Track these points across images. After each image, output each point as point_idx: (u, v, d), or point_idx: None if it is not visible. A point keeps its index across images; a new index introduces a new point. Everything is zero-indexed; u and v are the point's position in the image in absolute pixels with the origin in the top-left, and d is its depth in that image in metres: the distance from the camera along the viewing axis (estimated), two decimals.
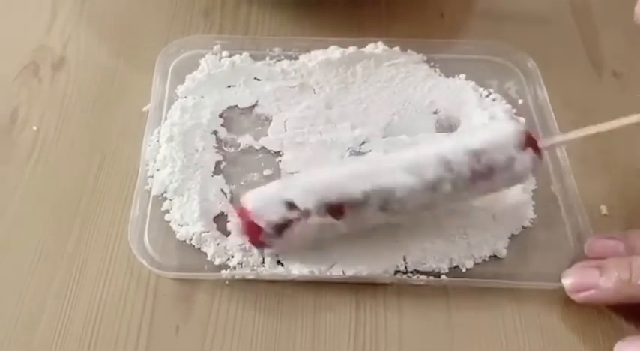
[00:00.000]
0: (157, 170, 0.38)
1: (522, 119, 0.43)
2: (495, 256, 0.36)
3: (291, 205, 0.32)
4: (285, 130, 0.41)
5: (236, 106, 0.42)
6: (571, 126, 0.42)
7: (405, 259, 0.35)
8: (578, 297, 0.33)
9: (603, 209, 0.38)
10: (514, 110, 0.43)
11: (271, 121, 0.41)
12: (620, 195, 0.39)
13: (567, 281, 0.33)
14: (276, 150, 0.40)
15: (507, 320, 0.34)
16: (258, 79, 0.44)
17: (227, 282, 0.34)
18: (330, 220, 0.32)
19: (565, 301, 0.34)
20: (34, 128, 0.41)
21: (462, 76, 0.45)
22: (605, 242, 0.34)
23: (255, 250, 0.34)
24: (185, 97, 0.42)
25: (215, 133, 0.41)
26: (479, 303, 0.34)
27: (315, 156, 0.39)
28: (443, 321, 0.33)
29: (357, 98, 0.43)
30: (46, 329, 0.32)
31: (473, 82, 0.44)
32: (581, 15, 0.49)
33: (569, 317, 0.34)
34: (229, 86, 0.43)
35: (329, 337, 0.33)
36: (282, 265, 0.34)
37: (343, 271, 0.34)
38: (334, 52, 0.44)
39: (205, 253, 0.35)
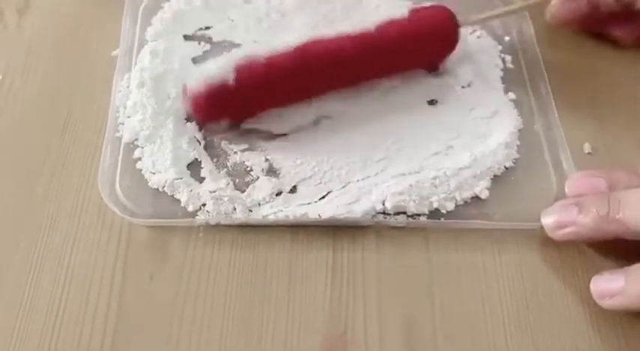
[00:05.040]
0: (128, 117, 0.37)
1: (509, 57, 0.41)
2: (477, 197, 0.35)
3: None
4: None
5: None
6: (558, 62, 0.41)
7: (383, 204, 0.34)
8: (557, 235, 0.32)
9: (587, 147, 0.37)
10: (500, 47, 0.42)
11: None
12: (604, 133, 0.38)
13: (546, 220, 0.33)
14: None
15: (487, 260, 0.33)
16: (232, 20, 0.42)
17: (201, 229, 0.33)
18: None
19: (545, 241, 0.33)
20: (0, 76, 0.39)
21: None
22: (586, 180, 0.33)
23: (227, 198, 0.33)
24: (155, 41, 0.40)
25: None
26: (459, 244, 0.34)
27: None
28: (422, 261, 0.33)
29: None
30: (16, 281, 0.32)
31: None
32: None
33: (549, 256, 0.33)
34: (200, 29, 0.41)
35: (306, 279, 0.32)
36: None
37: (319, 215, 0.33)
38: None
39: (178, 200, 0.34)
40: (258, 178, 0.35)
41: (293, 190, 0.34)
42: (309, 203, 0.34)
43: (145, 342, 0.30)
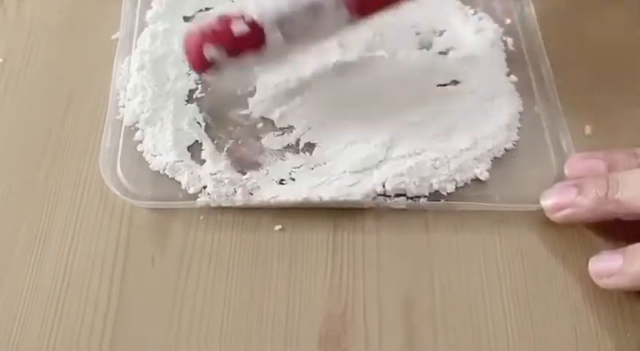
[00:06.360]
0: (129, 100, 0.37)
1: (510, 40, 0.41)
2: (477, 179, 0.35)
3: None
4: None
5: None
6: (560, 44, 0.41)
7: (383, 186, 0.34)
8: (556, 217, 0.32)
9: (587, 129, 0.37)
10: (501, 30, 0.42)
11: None
12: (604, 115, 0.38)
13: (546, 202, 0.33)
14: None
15: (487, 242, 0.33)
16: (231, 1, 0.42)
17: (202, 211, 0.34)
18: None
19: (545, 222, 0.33)
20: (0, 60, 0.39)
21: None
22: (585, 161, 0.33)
23: (227, 180, 0.33)
24: (155, 23, 0.40)
25: None
26: (459, 225, 0.34)
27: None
28: (422, 243, 0.33)
29: None
30: (18, 265, 0.32)
31: (458, 1, 0.43)
32: None
33: (549, 238, 0.33)
34: (200, 10, 0.41)
35: (306, 260, 0.32)
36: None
37: (320, 197, 0.33)
38: None
39: (179, 183, 0.34)
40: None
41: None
42: (309, 186, 0.34)
43: (146, 322, 0.30)
